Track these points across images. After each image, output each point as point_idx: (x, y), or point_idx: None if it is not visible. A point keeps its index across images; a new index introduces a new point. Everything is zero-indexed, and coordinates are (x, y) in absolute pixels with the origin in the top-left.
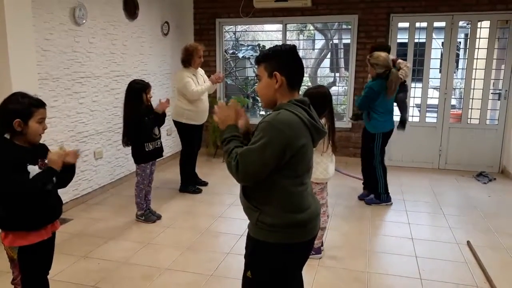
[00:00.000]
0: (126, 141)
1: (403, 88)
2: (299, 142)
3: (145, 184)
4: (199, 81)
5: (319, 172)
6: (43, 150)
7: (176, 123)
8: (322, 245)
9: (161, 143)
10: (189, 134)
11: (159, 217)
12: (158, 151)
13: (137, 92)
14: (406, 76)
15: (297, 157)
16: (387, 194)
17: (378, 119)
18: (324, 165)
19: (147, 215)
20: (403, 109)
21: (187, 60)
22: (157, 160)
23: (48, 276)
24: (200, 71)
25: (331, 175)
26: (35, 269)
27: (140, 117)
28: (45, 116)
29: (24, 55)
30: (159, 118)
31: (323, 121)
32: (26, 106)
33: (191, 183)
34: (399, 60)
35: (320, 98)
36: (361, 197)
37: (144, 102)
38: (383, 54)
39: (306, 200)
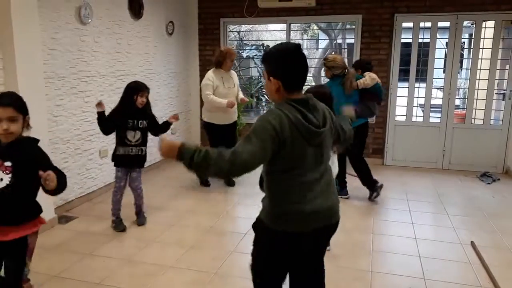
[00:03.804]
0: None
1: (372, 99)
2: (284, 134)
3: (117, 187)
4: (225, 84)
5: None
6: (16, 150)
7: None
8: None
9: (137, 152)
10: (213, 133)
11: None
12: (131, 160)
13: (129, 92)
14: (363, 84)
15: (286, 150)
16: (344, 187)
17: None
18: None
19: (117, 224)
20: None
21: (219, 62)
22: (137, 170)
23: (54, 274)
24: (232, 73)
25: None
26: None
27: (120, 117)
28: (3, 116)
29: (31, 53)
30: (153, 124)
31: None
32: None
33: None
34: (366, 73)
35: (320, 98)
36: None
37: (134, 105)
38: (338, 56)
39: (292, 194)
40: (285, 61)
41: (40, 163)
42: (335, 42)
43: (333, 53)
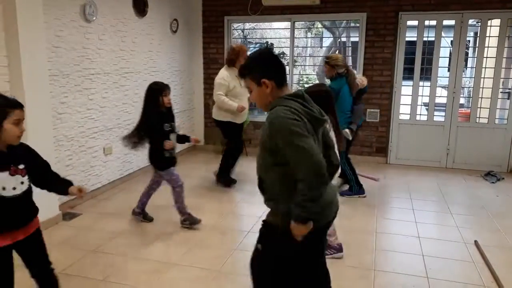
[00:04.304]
0: (136, 142)
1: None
2: (304, 120)
3: (180, 185)
4: (241, 83)
5: None
6: (22, 152)
7: (218, 122)
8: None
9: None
10: (230, 131)
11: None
12: (174, 161)
13: (153, 94)
14: (361, 84)
15: None
16: (359, 186)
17: None
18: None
19: (192, 219)
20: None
21: (232, 60)
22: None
23: (58, 270)
24: None
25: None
26: (5, 272)
27: (154, 121)
28: (22, 118)
29: (36, 51)
30: (179, 135)
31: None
32: (1, 107)
33: (227, 175)
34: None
35: (321, 97)
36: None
37: (161, 105)
38: (340, 55)
39: None
40: (271, 61)
41: (36, 159)
42: (339, 40)
43: (336, 51)
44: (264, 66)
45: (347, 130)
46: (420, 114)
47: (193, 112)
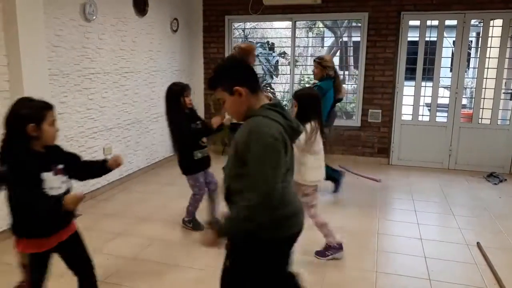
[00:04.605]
0: (177, 149)
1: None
2: (284, 137)
3: (201, 194)
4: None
5: (319, 173)
6: (57, 151)
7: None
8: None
9: (207, 152)
10: None
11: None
12: (208, 160)
13: (174, 96)
14: (343, 93)
15: (287, 153)
16: (333, 170)
17: None
18: (322, 168)
19: (196, 224)
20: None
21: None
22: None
23: (58, 272)
24: None
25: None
26: (43, 275)
27: (182, 122)
28: (56, 118)
29: (35, 51)
30: (207, 127)
31: (313, 124)
32: (39, 110)
33: None
34: None
35: (312, 99)
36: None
37: (183, 106)
38: (330, 57)
39: (287, 196)
40: (240, 68)
41: (69, 156)
42: (340, 40)
43: (338, 51)
44: (234, 73)
45: None
46: (422, 115)
47: None
